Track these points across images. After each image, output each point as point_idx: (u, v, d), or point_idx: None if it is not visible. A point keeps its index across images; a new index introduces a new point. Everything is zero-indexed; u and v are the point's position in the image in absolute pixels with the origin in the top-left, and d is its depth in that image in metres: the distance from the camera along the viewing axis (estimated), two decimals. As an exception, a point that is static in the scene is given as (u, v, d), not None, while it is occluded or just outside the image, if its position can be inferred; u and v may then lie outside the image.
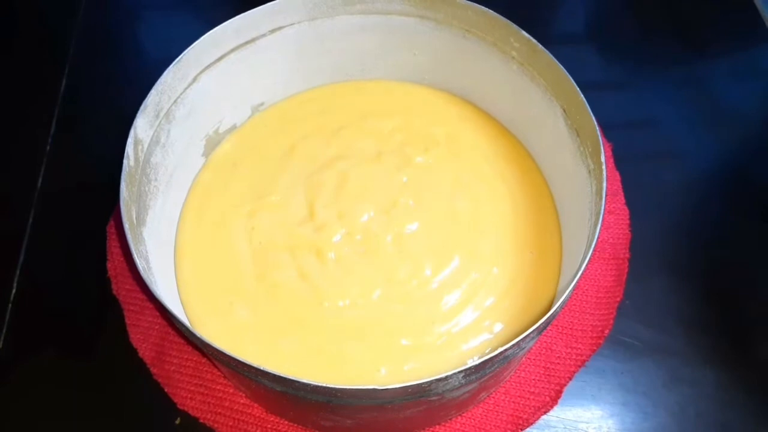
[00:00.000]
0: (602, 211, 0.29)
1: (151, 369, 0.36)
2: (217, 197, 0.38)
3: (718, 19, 0.53)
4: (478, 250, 0.36)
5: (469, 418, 0.35)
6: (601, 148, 0.30)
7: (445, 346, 0.33)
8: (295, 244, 0.36)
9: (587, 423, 0.35)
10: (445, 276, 0.35)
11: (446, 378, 0.25)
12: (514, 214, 0.37)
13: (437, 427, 0.35)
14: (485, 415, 0.35)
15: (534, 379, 0.36)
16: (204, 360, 0.36)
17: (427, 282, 0.34)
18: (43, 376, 0.37)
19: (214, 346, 0.25)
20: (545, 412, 0.35)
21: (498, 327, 0.33)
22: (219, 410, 0.35)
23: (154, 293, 0.27)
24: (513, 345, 0.25)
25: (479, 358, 0.25)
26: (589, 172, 0.32)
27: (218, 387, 0.36)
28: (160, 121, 0.34)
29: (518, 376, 0.36)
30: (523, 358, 0.36)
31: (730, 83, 0.49)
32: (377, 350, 0.33)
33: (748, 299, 0.40)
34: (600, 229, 0.28)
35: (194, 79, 0.36)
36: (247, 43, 0.37)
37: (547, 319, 0.26)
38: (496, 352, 0.25)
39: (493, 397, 0.35)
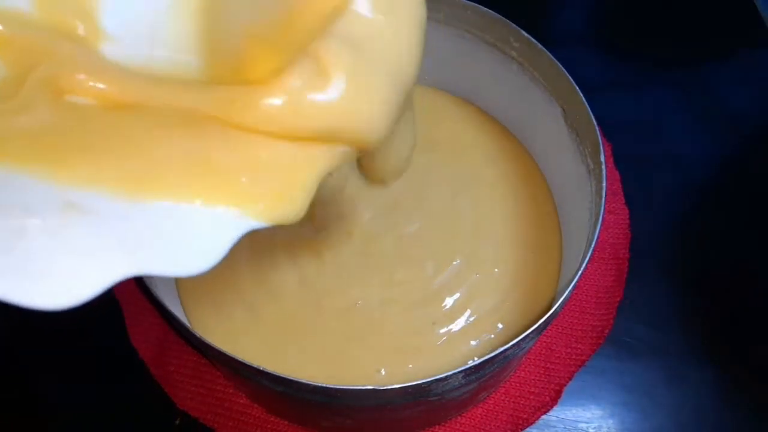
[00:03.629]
0: (602, 211, 0.29)
1: (151, 369, 0.36)
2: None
3: (718, 19, 0.53)
4: (479, 250, 0.36)
5: (469, 418, 0.35)
6: (601, 148, 0.30)
7: (445, 346, 0.33)
8: (294, 245, 0.36)
9: (587, 423, 0.35)
10: (446, 277, 0.35)
11: (446, 378, 0.25)
12: (514, 214, 0.37)
13: (437, 427, 0.35)
14: (485, 415, 0.35)
15: (534, 379, 0.36)
16: (204, 360, 0.36)
17: (427, 283, 0.34)
18: (42, 376, 0.37)
19: (214, 346, 0.25)
20: (545, 412, 0.35)
21: (498, 327, 0.33)
22: (219, 410, 0.35)
23: (154, 294, 0.27)
24: (513, 345, 0.25)
25: (479, 358, 0.25)
26: (589, 172, 0.32)
27: (218, 387, 0.36)
28: None
29: (518, 376, 0.36)
30: (523, 358, 0.36)
31: (729, 83, 0.49)
32: (377, 351, 0.33)
33: (748, 299, 0.40)
34: (600, 229, 0.28)
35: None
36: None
37: (547, 319, 0.26)
38: (496, 352, 0.25)
39: (493, 397, 0.35)
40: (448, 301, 0.34)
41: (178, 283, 0.35)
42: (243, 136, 0.19)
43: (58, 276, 0.15)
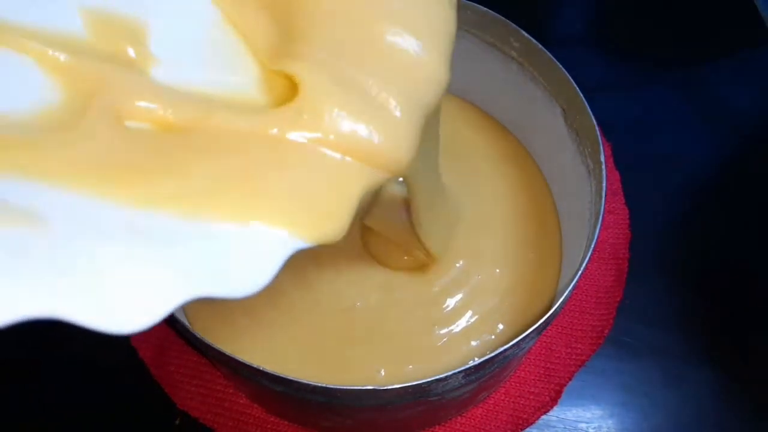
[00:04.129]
0: (602, 211, 0.29)
1: (151, 369, 0.36)
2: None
3: (718, 19, 0.53)
4: (481, 251, 0.35)
5: (469, 418, 0.35)
6: (601, 148, 0.30)
7: (446, 347, 0.33)
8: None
9: (587, 423, 0.35)
10: (448, 278, 0.34)
11: (446, 378, 0.25)
12: (514, 215, 0.37)
13: (437, 427, 0.35)
14: (485, 415, 0.35)
15: (534, 379, 0.36)
16: (204, 360, 0.36)
17: (429, 285, 0.34)
18: (42, 376, 0.37)
19: (214, 346, 0.25)
20: (545, 412, 0.35)
21: (498, 327, 0.33)
22: (219, 410, 0.35)
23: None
24: (513, 345, 0.25)
25: (479, 358, 0.25)
26: (589, 172, 0.32)
27: (218, 387, 0.36)
28: None
29: (518, 376, 0.36)
30: (523, 358, 0.36)
31: (729, 83, 0.49)
32: (377, 351, 0.32)
33: (748, 299, 0.40)
34: (600, 229, 0.28)
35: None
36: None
37: (547, 319, 0.26)
38: (496, 352, 0.25)
39: (493, 397, 0.35)
40: (450, 303, 0.34)
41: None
42: (293, 157, 0.20)
43: (126, 300, 0.16)
